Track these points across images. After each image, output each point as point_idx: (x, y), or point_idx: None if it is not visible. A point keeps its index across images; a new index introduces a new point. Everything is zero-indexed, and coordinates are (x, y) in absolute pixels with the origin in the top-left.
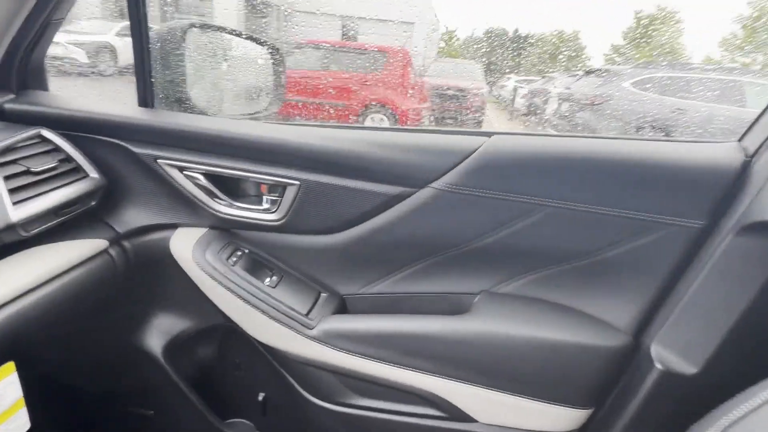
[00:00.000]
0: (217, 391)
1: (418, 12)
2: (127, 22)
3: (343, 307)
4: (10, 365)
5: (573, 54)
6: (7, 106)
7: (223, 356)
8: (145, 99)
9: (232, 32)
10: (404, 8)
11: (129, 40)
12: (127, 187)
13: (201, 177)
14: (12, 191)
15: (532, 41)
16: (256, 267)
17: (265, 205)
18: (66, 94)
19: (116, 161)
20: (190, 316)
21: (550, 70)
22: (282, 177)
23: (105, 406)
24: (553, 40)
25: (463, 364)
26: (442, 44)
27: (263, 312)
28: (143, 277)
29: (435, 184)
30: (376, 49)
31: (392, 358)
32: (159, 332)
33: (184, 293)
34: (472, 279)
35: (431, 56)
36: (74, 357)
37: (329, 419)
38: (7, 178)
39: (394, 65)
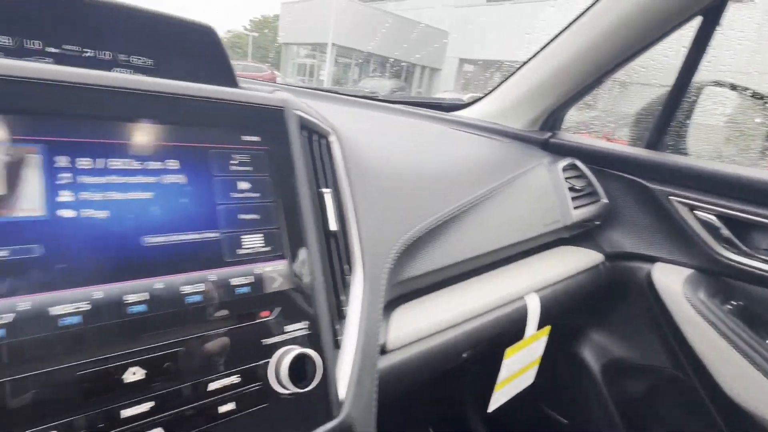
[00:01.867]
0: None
1: None
2: None
3: None
4: (548, 329)
5: None
6: (552, 140)
7: (653, 397)
8: (656, 142)
9: (745, 91)
10: None
11: None
12: (622, 215)
13: (714, 218)
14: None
15: None
16: (755, 322)
17: None
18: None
19: (622, 192)
20: (634, 347)
21: None
22: None
23: (525, 400)
24: None
25: None
26: None
27: (758, 367)
28: (608, 297)
29: None
30: None
31: None
32: (600, 350)
33: (638, 323)
34: None
35: None
36: None
37: None
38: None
39: None
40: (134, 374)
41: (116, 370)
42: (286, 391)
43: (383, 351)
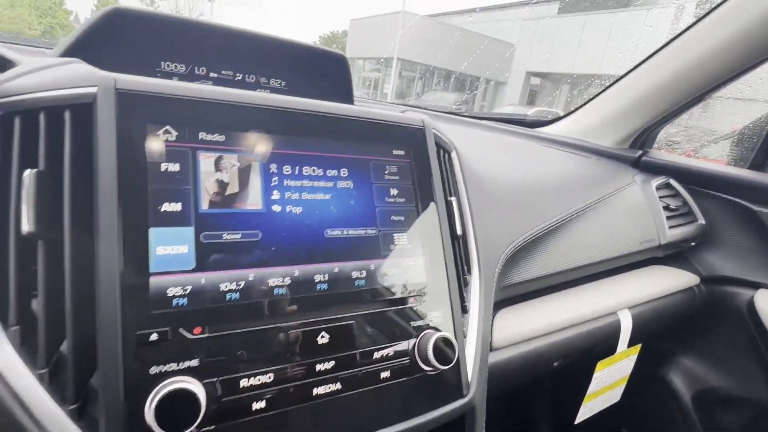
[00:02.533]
0: None
1: None
2: None
3: None
4: (638, 347)
5: None
6: (644, 158)
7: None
8: (762, 163)
9: None
10: None
11: None
12: (721, 237)
13: None
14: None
15: None
16: None
17: None
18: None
19: (722, 213)
20: (731, 376)
21: None
22: None
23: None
24: None
25: None
26: None
27: None
28: (702, 321)
29: None
30: None
31: None
32: (691, 377)
33: (736, 352)
34: None
35: None
36: None
37: None
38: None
39: None
40: (323, 338)
41: (312, 333)
42: (428, 368)
43: (490, 348)
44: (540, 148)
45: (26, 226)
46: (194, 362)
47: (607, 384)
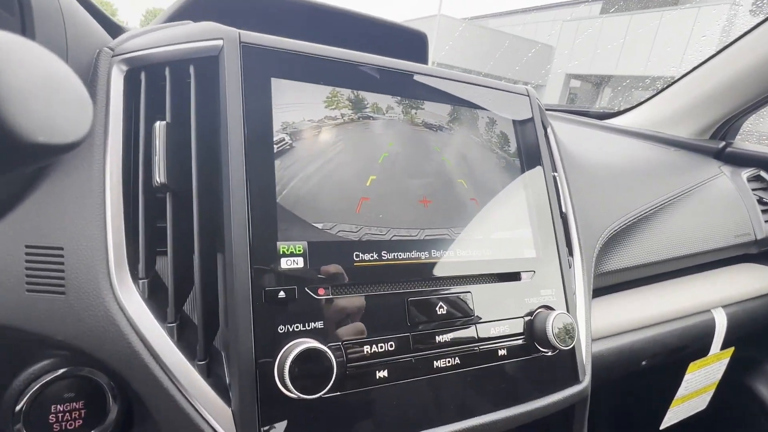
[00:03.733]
0: None
1: None
2: None
3: None
4: (731, 350)
5: None
6: (728, 149)
7: None
8: None
9: None
10: None
11: None
12: None
13: None
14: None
15: None
16: None
17: None
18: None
19: None
20: None
21: None
22: None
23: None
24: None
25: None
26: None
27: None
28: None
29: None
30: None
31: None
32: None
33: None
34: None
35: None
36: None
37: None
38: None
39: None
40: (441, 309)
41: (429, 303)
42: (545, 349)
43: None
44: (614, 137)
45: (158, 177)
46: (319, 324)
47: (696, 389)
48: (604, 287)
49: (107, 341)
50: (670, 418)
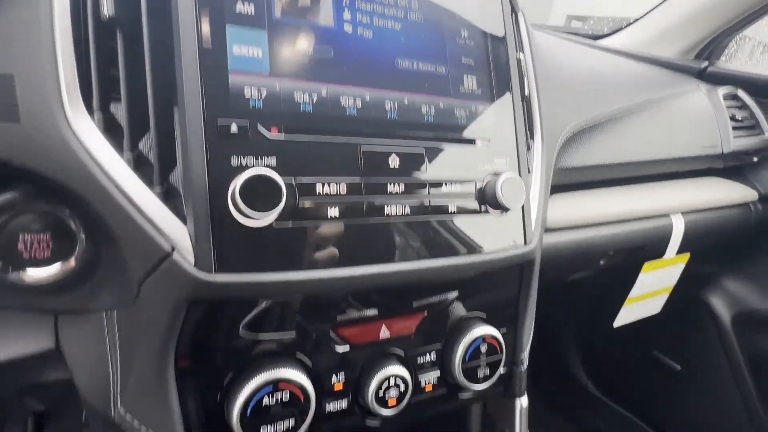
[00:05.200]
0: None
1: None
2: None
3: None
4: (687, 256)
5: None
6: (710, 69)
7: None
8: None
9: None
10: None
11: None
12: None
13: None
14: None
15: None
16: None
17: None
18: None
19: None
20: None
21: None
22: None
23: (635, 342)
24: None
25: None
26: None
27: None
28: (754, 241)
29: None
30: None
31: None
32: (733, 299)
33: None
34: None
35: None
36: None
37: None
38: None
39: None
40: (394, 161)
41: (383, 155)
42: (495, 210)
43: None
44: (601, 53)
45: (106, 9)
46: (272, 160)
47: (650, 291)
48: (564, 184)
49: (64, 166)
50: (624, 316)
